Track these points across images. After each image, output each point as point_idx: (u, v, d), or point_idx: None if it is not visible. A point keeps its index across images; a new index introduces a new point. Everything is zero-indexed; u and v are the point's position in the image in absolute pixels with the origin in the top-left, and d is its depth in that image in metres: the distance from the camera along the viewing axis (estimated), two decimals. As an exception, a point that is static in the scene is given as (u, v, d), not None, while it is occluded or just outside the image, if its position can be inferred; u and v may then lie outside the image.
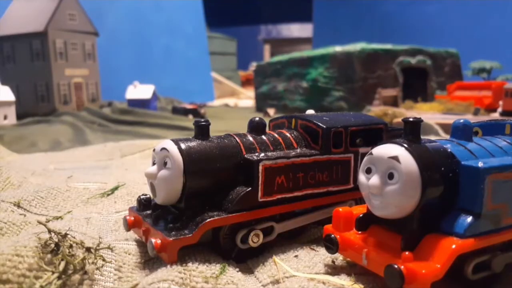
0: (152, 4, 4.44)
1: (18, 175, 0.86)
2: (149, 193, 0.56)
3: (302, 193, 0.57)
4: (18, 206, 0.68)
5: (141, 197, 0.57)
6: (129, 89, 3.10)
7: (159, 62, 4.45)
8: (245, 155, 0.55)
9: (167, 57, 4.54)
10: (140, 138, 1.74)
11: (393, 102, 2.64)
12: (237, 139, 0.56)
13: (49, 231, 0.48)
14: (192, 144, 0.53)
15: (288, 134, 0.61)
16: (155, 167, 0.53)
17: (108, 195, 0.77)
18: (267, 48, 8.41)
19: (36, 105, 2.82)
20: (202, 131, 0.55)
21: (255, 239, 0.54)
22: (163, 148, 0.52)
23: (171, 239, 0.47)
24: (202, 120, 0.56)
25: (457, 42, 3.56)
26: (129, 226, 0.55)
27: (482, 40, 4.15)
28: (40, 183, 0.87)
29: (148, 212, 0.56)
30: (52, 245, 0.46)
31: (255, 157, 0.54)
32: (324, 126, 0.58)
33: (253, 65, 4.13)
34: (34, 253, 0.44)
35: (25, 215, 0.65)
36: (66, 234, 0.48)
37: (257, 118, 0.60)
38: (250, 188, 0.53)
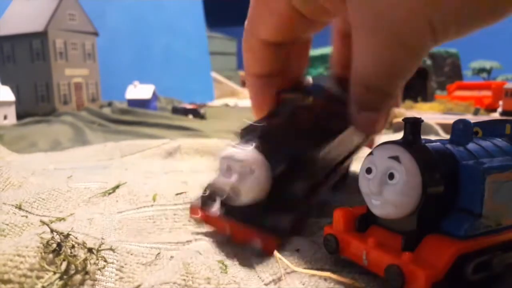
0: (152, 4, 4.44)
1: (18, 175, 0.86)
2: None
3: None
4: (20, 209, 0.69)
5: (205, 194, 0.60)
6: (129, 89, 3.10)
7: (159, 62, 4.45)
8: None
9: (167, 57, 4.54)
10: (140, 138, 1.74)
11: (393, 102, 2.63)
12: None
13: (52, 230, 0.48)
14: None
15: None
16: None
17: (110, 193, 0.77)
18: (267, 48, 8.38)
19: (36, 105, 2.82)
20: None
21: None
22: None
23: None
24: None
25: (457, 42, 3.55)
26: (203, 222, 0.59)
27: (482, 40, 4.15)
28: (40, 183, 0.87)
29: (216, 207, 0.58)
30: (54, 245, 0.46)
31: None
32: None
33: (253, 65, 4.12)
34: (36, 253, 0.45)
35: (26, 217, 0.65)
36: (68, 234, 0.48)
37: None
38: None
